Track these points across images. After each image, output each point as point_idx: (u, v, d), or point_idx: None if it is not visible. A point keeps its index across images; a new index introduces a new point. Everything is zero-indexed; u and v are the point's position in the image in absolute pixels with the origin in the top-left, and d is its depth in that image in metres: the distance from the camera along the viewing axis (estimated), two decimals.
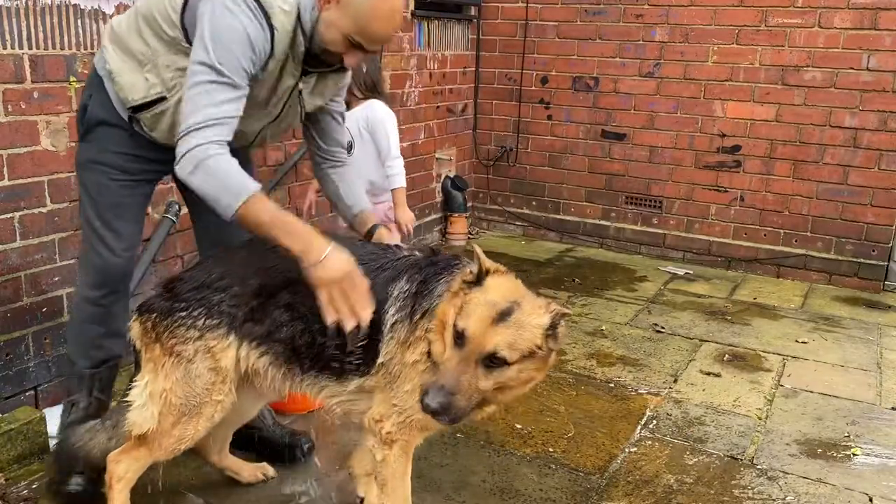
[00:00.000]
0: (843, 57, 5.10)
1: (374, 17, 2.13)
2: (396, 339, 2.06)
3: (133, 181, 2.50)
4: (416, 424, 2.10)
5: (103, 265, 2.51)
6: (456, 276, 2.07)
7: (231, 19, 2.08)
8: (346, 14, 2.13)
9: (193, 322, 2.15)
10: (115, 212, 2.48)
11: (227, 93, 2.09)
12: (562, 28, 6.01)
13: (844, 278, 5.38)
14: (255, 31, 2.10)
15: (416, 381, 2.02)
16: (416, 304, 2.07)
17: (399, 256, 2.20)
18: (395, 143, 3.70)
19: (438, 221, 6.29)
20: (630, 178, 6.01)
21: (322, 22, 2.16)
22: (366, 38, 2.16)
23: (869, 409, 3.54)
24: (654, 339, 4.32)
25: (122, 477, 2.30)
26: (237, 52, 2.09)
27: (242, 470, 2.75)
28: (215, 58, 2.06)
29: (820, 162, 5.33)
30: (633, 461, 3.03)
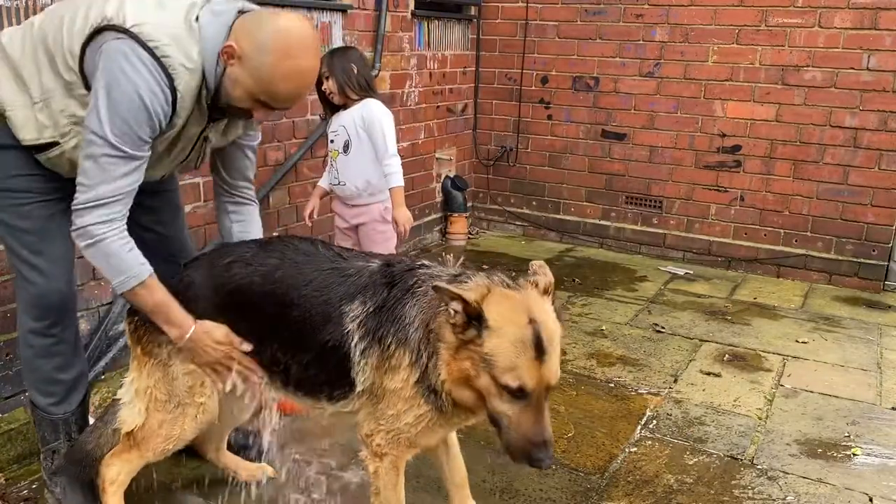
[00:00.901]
0: (843, 57, 5.10)
1: (277, 77, 2.04)
2: (371, 364, 2.05)
3: (47, 201, 2.30)
4: (404, 442, 2.10)
5: (40, 294, 2.33)
6: (420, 298, 1.99)
7: (127, 86, 1.96)
8: (248, 72, 2.04)
9: None
10: (39, 235, 2.30)
11: (123, 166, 2.02)
12: (562, 28, 6.01)
13: (844, 278, 5.37)
14: (153, 97, 2.00)
15: (401, 408, 2.03)
16: (384, 329, 2.01)
17: (351, 271, 2.14)
18: (392, 142, 3.68)
19: (438, 221, 6.29)
20: (630, 178, 6.01)
21: (227, 78, 2.08)
22: (270, 97, 2.09)
23: (869, 409, 3.53)
24: (654, 339, 4.32)
25: (114, 480, 2.33)
26: (133, 123, 1.99)
27: (241, 469, 2.76)
28: (109, 130, 1.97)
29: (820, 162, 5.33)
30: (633, 461, 3.03)
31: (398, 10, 5.28)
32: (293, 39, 2.04)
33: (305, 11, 4.43)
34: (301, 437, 3.10)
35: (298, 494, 2.73)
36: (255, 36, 2.03)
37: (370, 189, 3.76)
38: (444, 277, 2.02)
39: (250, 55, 2.02)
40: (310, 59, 2.09)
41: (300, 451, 3.00)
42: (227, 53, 2.04)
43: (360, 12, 4.91)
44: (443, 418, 2.04)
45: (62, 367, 2.46)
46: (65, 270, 2.37)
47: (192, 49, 2.05)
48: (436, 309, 1.95)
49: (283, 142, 4.47)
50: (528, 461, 1.85)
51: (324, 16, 4.61)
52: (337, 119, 3.75)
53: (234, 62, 2.04)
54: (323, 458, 2.98)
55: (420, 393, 1.99)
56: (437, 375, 1.94)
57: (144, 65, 1.98)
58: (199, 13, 2.08)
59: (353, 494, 2.75)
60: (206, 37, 2.06)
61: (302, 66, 2.07)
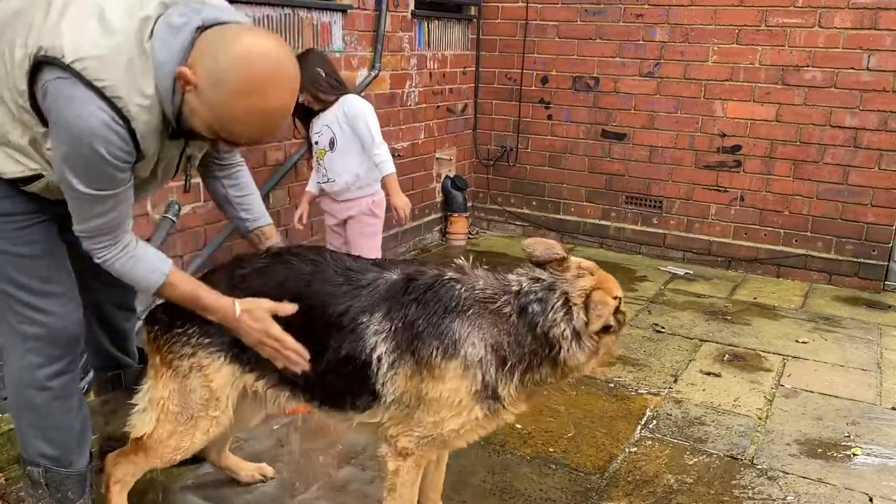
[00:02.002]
0: (843, 57, 5.10)
1: (235, 116, 1.77)
2: (402, 374, 2.05)
3: (47, 220, 2.10)
4: (437, 444, 2.13)
5: (57, 330, 2.12)
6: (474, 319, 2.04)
7: (79, 141, 1.75)
8: (205, 105, 1.77)
9: (188, 339, 2.19)
10: (47, 261, 2.09)
11: (104, 203, 1.88)
12: (562, 28, 6.00)
13: (844, 278, 5.37)
14: (109, 147, 1.77)
15: (446, 415, 2.05)
16: (422, 342, 2.02)
17: (364, 282, 2.13)
18: (378, 132, 3.69)
19: (438, 221, 6.29)
20: (630, 178, 6.00)
21: (186, 106, 1.81)
22: (229, 136, 1.84)
23: (869, 409, 3.53)
24: (654, 339, 4.32)
25: (119, 479, 2.33)
26: (96, 171, 1.81)
27: (240, 470, 2.76)
28: (75, 180, 1.81)
29: (820, 162, 5.33)
30: (633, 461, 3.03)
31: (398, 10, 5.28)
32: (256, 71, 1.74)
33: (305, 11, 4.44)
34: (302, 438, 3.11)
35: (298, 495, 2.73)
36: (210, 64, 1.74)
37: (359, 182, 3.78)
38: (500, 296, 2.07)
39: (205, 86, 1.75)
40: (277, 95, 1.79)
41: (301, 451, 3.00)
42: (181, 80, 1.77)
43: (360, 12, 4.91)
44: (491, 421, 2.12)
45: (78, 408, 2.26)
46: (77, 297, 2.19)
47: (146, 81, 1.78)
48: (510, 334, 2.03)
49: (283, 142, 4.46)
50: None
51: (324, 16, 4.60)
52: (318, 120, 3.76)
53: (190, 89, 1.77)
54: (319, 457, 2.98)
55: (475, 401, 2.04)
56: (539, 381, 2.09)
57: (95, 111, 1.74)
58: (154, 28, 1.79)
59: (351, 495, 2.75)
60: (160, 62, 1.77)
61: (266, 106, 1.77)
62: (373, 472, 2.84)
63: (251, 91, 1.74)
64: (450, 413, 2.05)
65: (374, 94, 5.17)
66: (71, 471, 2.27)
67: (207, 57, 1.75)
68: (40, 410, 2.18)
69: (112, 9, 1.79)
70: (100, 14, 1.78)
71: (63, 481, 2.26)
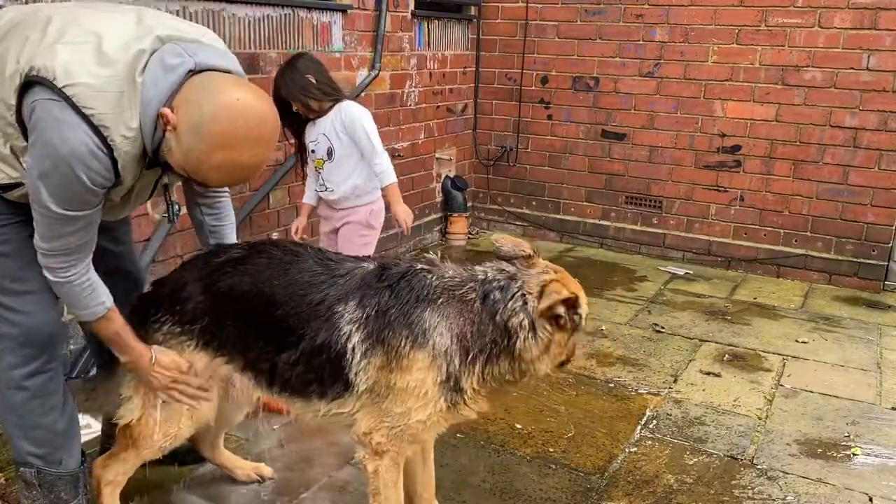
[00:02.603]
0: (843, 57, 5.10)
1: (206, 164, 1.81)
2: (374, 364, 2.07)
3: (22, 222, 2.07)
4: (408, 437, 2.13)
5: (30, 329, 2.11)
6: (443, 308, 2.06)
7: (61, 162, 1.77)
8: (180, 149, 1.82)
9: (160, 326, 2.25)
10: (20, 261, 2.07)
11: (71, 225, 1.89)
12: (562, 28, 6.00)
13: (844, 278, 5.37)
14: (89, 173, 1.80)
15: (413, 405, 2.06)
16: (392, 331, 2.04)
17: (341, 272, 2.17)
18: (377, 140, 3.57)
19: (438, 221, 6.29)
20: (630, 178, 6.00)
21: (165, 143, 1.85)
22: (199, 179, 1.88)
23: (869, 409, 3.53)
24: (654, 339, 4.32)
25: (110, 481, 2.36)
26: (72, 194, 1.83)
27: (237, 468, 2.76)
28: (49, 200, 1.82)
29: (820, 162, 5.33)
30: (633, 461, 3.03)
31: (398, 10, 5.28)
32: (235, 127, 1.78)
33: (305, 11, 4.44)
34: (302, 438, 3.11)
35: (298, 495, 2.73)
36: (192, 111, 1.78)
37: (357, 191, 3.66)
38: (464, 283, 2.10)
39: (184, 132, 1.79)
40: (253, 153, 1.83)
41: (301, 451, 3.00)
42: (163, 119, 1.81)
43: (360, 12, 4.91)
44: (453, 414, 2.13)
45: (61, 407, 2.24)
46: (52, 296, 2.12)
47: (132, 115, 1.82)
48: (473, 322, 2.05)
49: (283, 142, 4.46)
50: None
51: (324, 16, 4.61)
52: (314, 128, 3.63)
53: (170, 129, 1.81)
54: (319, 458, 2.98)
55: (440, 391, 2.06)
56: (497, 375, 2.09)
57: (78, 137, 1.77)
58: (148, 64, 1.83)
59: (351, 495, 2.75)
60: (147, 99, 1.81)
61: (239, 161, 1.81)
62: None
63: (227, 146, 1.79)
64: (416, 403, 2.06)
65: (374, 95, 5.18)
66: (62, 471, 2.27)
67: (192, 103, 1.79)
68: (19, 410, 2.18)
69: (109, 39, 1.84)
70: (97, 42, 1.81)
71: (55, 482, 2.27)
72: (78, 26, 1.86)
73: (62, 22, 1.87)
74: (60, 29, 1.84)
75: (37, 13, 1.94)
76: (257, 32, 4.13)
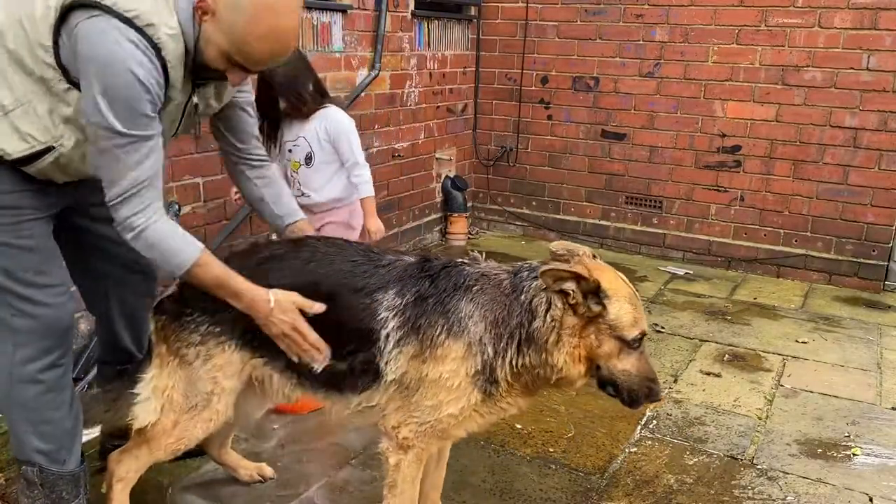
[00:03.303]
0: (843, 57, 5.10)
1: (252, 35, 1.88)
2: (406, 354, 2.05)
3: (44, 217, 2.15)
4: (438, 433, 2.11)
5: (49, 322, 2.14)
6: (479, 296, 2.03)
7: (118, 66, 1.82)
8: (221, 29, 1.88)
9: (196, 327, 2.19)
10: (42, 255, 2.12)
11: (139, 150, 1.91)
12: (562, 28, 6.01)
13: (844, 278, 5.37)
14: (146, 73, 1.86)
15: (444, 398, 2.03)
16: (429, 319, 2.03)
17: (385, 263, 2.17)
18: (360, 151, 3.48)
19: (438, 221, 6.29)
20: (630, 178, 6.00)
21: (202, 37, 1.92)
22: (244, 57, 1.93)
23: (869, 409, 3.53)
24: (654, 339, 4.32)
25: (122, 477, 2.32)
26: (135, 103, 1.87)
27: (240, 468, 2.76)
28: (114, 118, 1.85)
29: (820, 162, 5.33)
30: (633, 461, 3.03)
31: (398, 10, 5.28)
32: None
33: (305, 12, 4.43)
34: (302, 438, 3.11)
35: (298, 495, 2.73)
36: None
37: (336, 198, 3.54)
38: (500, 270, 2.10)
39: (223, 12, 1.87)
40: (289, 17, 1.92)
41: (301, 451, 3.00)
42: (200, 9, 1.88)
43: (360, 12, 4.91)
44: (488, 408, 2.09)
45: (70, 404, 2.26)
46: (69, 291, 2.21)
47: (170, 11, 1.90)
48: (504, 305, 2.01)
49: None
50: (651, 397, 2.10)
51: (324, 16, 4.61)
52: (294, 128, 3.45)
53: (207, 18, 1.89)
54: (319, 458, 2.98)
55: (473, 383, 2.03)
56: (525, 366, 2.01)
57: (129, 39, 1.83)
58: None
59: (351, 495, 2.75)
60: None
61: (279, 25, 1.89)
62: (373, 471, 2.84)
63: (266, 13, 1.86)
64: (448, 396, 2.03)
65: (374, 95, 5.18)
66: (64, 470, 2.28)
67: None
68: (32, 404, 2.19)
69: None
70: None
71: (56, 482, 2.28)
72: None
73: None
74: None
75: None
76: None
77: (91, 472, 2.48)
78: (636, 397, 2.07)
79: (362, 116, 5.06)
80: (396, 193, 5.66)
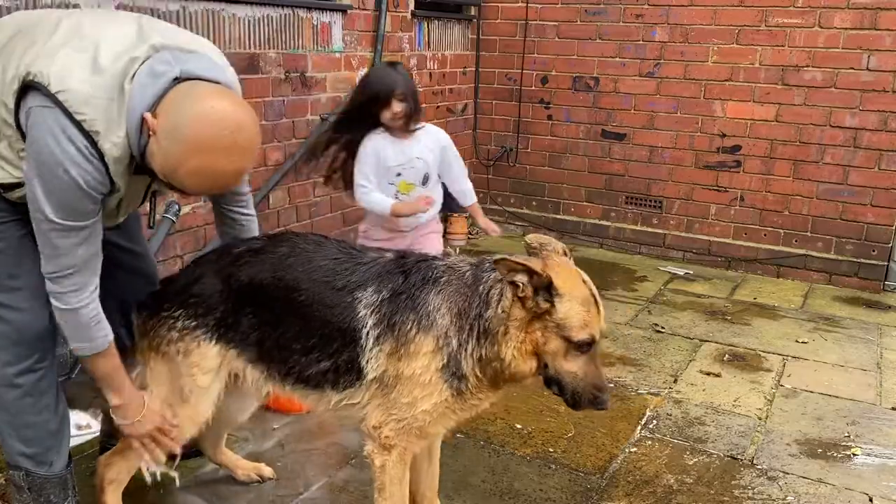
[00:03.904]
0: (843, 57, 5.10)
1: (183, 171, 1.81)
2: (384, 351, 2.06)
3: (18, 220, 2.09)
4: (415, 431, 2.11)
5: (22, 327, 2.12)
6: (445, 288, 2.04)
7: (57, 168, 1.81)
8: (160, 152, 1.82)
9: (175, 323, 2.22)
10: (15, 257, 2.10)
11: (74, 237, 1.90)
12: (562, 28, 6.01)
13: (844, 278, 5.37)
14: (83, 173, 1.84)
15: (418, 394, 2.04)
16: (402, 315, 2.04)
17: (365, 261, 2.18)
18: None
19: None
20: (630, 178, 6.00)
21: (148, 148, 1.86)
22: (177, 185, 1.88)
23: (869, 409, 3.53)
24: (654, 339, 4.32)
25: (113, 479, 2.35)
26: (71, 202, 1.86)
27: (237, 468, 2.77)
28: (50, 210, 1.85)
29: (820, 162, 5.33)
30: (633, 461, 3.03)
31: (398, 10, 5.28)
32: (209, 133, 1.78)
33: (305, 11, 4.44)
34: (302, 438, 3.11)
35: (298, 495, 2.73)
36: (171, 116, 1.81)
37: (438, 210, 3.56)
38: (466, 263, 2.11)
39: (162, 136, 1.81)
40: (226, 159, 1.82)
41: (301, 451, 3.00)
42: (145, 124, 1.84)
43: (360, 12, 4.91)
44: (460, 405, 2.09)
45: (54, 407, 2.24)
46: (45, 294, 2.10)
47: (119, 121, 1.86)
48: (466, 297, 2.02)
49: (283, 142, 4.47)
50: (595, 405, 2.04)
51: (324, 16, 4.61)
52: (405, 148, 3.32)
53: (152, 134, 1.83)
54: (319, 458, 2.98)
55: (443, 378, 2.03)
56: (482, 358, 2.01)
57: (72, 142, 1.81)
58: (138, 71, 1.86)
59: (351, 495, 2.75)
60: (133, 105, 1.85)
61: (213, 167, 1.81)
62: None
63: (202, 150, 1.79)
64: (421, 392, 2.04)
65: None
66: (50, 473, 2.27)
67: (172, 109, 1.82)
68: (11, 409, 2.18)
69: (105, 49, 1.87)
70: (94, 52, 1.86)
71: (44, 485, 2.27)
72: (80, 35, 1.90)
73: (67, 29, 1.91)
74: (65, 36, 1.89)
75: (49, 16, 2.00)
76: (257, 32, 4.13)
77: (91, 472, 2.49)
78: (579, 400, 2.05)
79: None
80: None
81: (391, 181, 3.34)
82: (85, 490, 2.53)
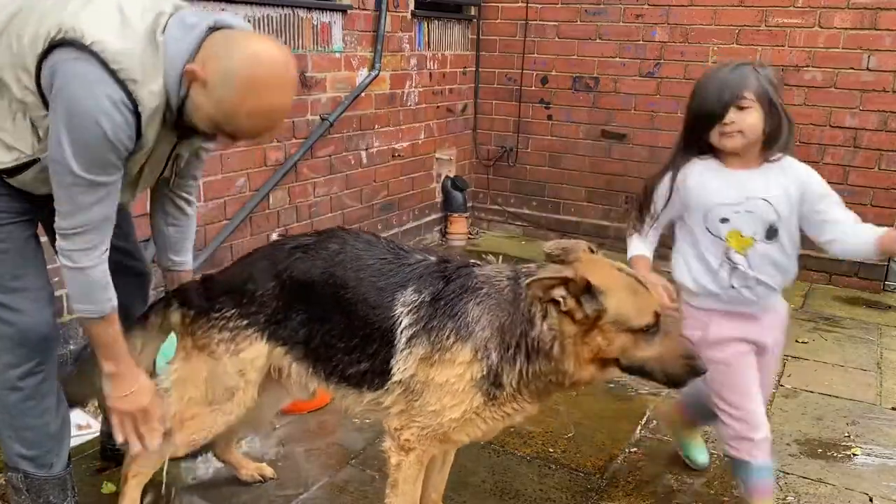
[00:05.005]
0: (843, 57, 5.10)
1: (242, 113, 1.86)
2: (416, 355, 2.04)
3: (23, 221, 2.11)
4: (438, 437, 2.10)
5: (25, 329, 2.11)
6: (486, 300, 2.01)
7: (87, 116, 1.80)
8: (211, 100, 1.86)
9: (226, 322, 2.20)
10: (19, 259, 2.09)
11: (93, 194, 1.89)
12: (562, 28, 6.01)
13: (844, 278, 5.37)
14: (114, 127, 1.83)
15: (448, 403, 2.02)
16: (439, 321, 2.02)
17: (409, 262, 2.17)
18: None
19: (438, 221, 6.29)
20: (630, 178, 6.00)
21: (190, 101, 1.89)
22: (234, 131, 1.92)
23: (869, 409, 3.53)
24: None
25: (137, 472, 2.34)
26: (98, 154, 1.85)
27: (241, 468, 2.76)
28: (73, 160, 1.83)
29: (820, 162, 5.32)
30: (633, 461, 3.03)
31: (398, 10, 5.28)
32: (263, 72, 1.85)
33: (305, 11, 4.44)
34: (303, 438, 3.11)
35: (298, 495, 2.73)
36: (221, 62, 1.84)
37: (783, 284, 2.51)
38: (504, 276, 2.07)
39: (214, 84, 1.84)
40: (281, 95, 1.90)
41: (301, 451, 3.01)
42: (190, 76, 1.86)
43: (360, 12, 4.91)
44: (490, 413, 2.06)
45: (55, 409, 2.25)
46: (48, 296, 2.17)
47: (156, 70, 1.87)
48: (508, 313, 1.98)
49: (283, 142, 4.47)
50: (694, 373, 1.97)
51: (324, 16, 4.61)
52: (741, 183, 2.37)
53: (197, 86, 1.87)
54: (319, 458, 2.98)
55: (478, 388, 2.01)
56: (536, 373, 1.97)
57: (105, 92, 1.80)
58: (168, 24, 1.89)
59: (351, 495, 2.75)
60: (171, 56, 1.87)
61: (270, 104, 1.88)
62: (373, 471, 2.84)
63: (258, 90, 1.84)
64: (451, 401, 2.01)
65: (374, 95, 5.18)
66: (50, 475, 2.26)
67: (218, 56, 1.86)
68: (12, 411, 2.17)
69: (129, 7, 1.89)
70: (119, 9, 1.87)
71: (42, 486, 2.26)
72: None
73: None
74: (84, 1, 1.88)
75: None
76: (257, 32, 4.13)
77: (91, 472, 2.49)
78: (675, 378, 1.99)
79: (362, 116, 5.07)
80: (396, 193, 5.66)
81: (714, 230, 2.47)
82: (84, 490, 2.54)
